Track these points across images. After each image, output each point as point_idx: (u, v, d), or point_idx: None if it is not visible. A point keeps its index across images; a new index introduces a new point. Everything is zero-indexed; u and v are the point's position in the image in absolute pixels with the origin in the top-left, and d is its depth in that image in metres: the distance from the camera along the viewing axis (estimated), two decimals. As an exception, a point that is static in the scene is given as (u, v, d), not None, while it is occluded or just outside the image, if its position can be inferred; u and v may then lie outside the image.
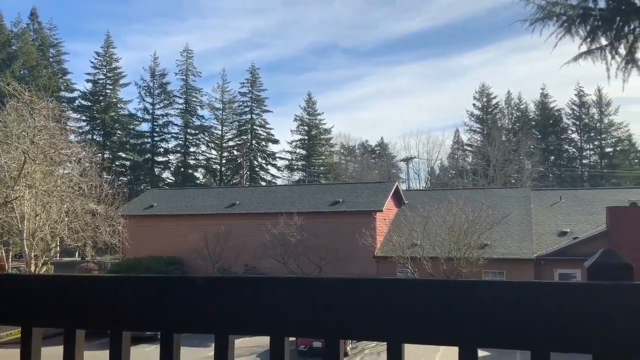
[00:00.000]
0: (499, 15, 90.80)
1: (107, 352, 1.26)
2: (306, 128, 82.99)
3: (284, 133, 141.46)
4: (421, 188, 70.61)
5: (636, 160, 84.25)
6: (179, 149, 77.23)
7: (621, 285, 0.92)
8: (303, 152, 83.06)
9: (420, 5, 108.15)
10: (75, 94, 73.32)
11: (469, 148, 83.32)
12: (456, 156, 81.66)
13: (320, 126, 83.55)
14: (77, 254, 39.86)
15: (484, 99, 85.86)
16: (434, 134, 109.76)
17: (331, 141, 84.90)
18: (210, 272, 30.63)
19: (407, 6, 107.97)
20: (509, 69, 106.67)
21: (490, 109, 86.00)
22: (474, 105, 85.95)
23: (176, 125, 77.40)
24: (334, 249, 29.74)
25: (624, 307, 0.88)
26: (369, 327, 1.03)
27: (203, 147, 79.27)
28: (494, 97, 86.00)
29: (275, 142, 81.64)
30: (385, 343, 1.02)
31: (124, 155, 74.13)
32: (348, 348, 20.84)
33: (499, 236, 28.29)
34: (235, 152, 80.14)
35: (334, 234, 31.02)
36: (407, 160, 75.32)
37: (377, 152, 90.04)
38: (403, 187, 61.76)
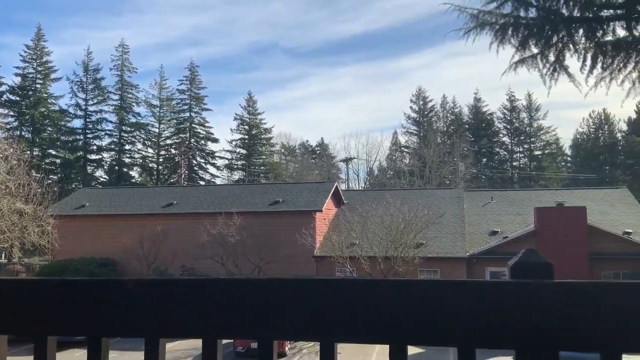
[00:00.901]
0: (435, 20, 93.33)
1: (32, 357, 1.21)
2: (247, 127, 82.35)
3: (224, 132, 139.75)
4: (360, 188, 71.56)
5: (563, 163, 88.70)
6: (113, 146, 74.79)
7: (542, 283, 0.97)
8: (243, 151, 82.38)
9: (360, 8, 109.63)
10: (3, 88, 69.62)
11: (406, 150, 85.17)
12: (394, 157, 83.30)
13: (261, 126, 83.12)
14: (3, 255, 37.87)
15: (421, 102, 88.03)
16: (373, 135, 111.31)
17: (272, 141, 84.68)
18: (145, 274, 29.83)
19: (347, 9, 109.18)
20: (444, 73, 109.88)
21: (426, 112, 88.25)
22: (411, 108, 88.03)
23: (110, 122, 74.95)
24: (274, 249, 29.66)
25: (544, 303, 0.93)
26: (301, 327, 1.04)
27: (139, 145, 77.17)
28: (430, 100, 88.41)
29: (215, 141, 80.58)
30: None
31: (54, 152, 71.06)
32: (286, 348, 20.82)
33: (433, 235, 29.07)
34: (173, 151, 78.48)
35: (273, 234, 30.93)
36: (347, 160, 76.18)
37: (318, 152, 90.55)
38: (343, 187, 62.32)
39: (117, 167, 74.46)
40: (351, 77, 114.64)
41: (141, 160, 77.37)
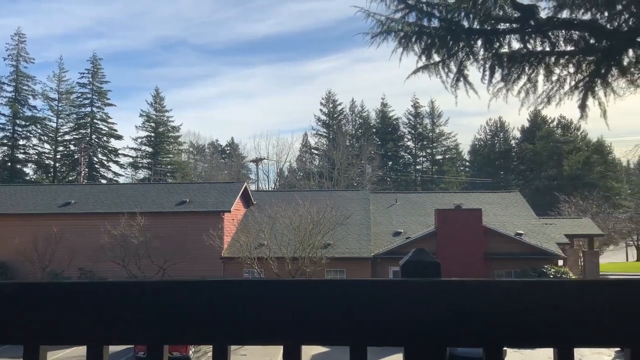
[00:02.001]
0: (345, 26, 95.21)
1: None
2: (153, 124, 79.65)
3: (128, 129, 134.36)
4: (270, 189, 71.42)
5: (462, 168, 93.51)
6: (5, 141, 69.59)
7: (431, 282, 1.00)
8: (149, 149, 79.60)
9: (271, 9, 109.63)
10: None
11: (316, 151, 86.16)
12: (304, 159, 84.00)
13: (169, 123, 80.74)
14: None
15: (331, 105, 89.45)
16: (284, 136, 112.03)
17: (180, 139, 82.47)
18: (39, 277, 27.97)
19: (258, 9, 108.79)
20: (354, 78, 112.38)
21: (336, 115, 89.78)
22: (321, 110, 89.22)
23: (3, 115, 69.72)
24: (180, 251, 28.89)
25: (432, 302, 0.97)
26: (194, 330, 1.01)
27: (35, 141, 72.38)
28: (340, 104, 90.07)
29: (119, 137, 77.24)
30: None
31: (-64, 146, 65.03)
32: (190, 352, 20.36)
33: (341, 236, 29.60)
34: (73, 147, 74.31)
35: (179, 234, 30.14)
36: (257, 161, 75.70)
37: (228, 152, 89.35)
38: (252, 187, 61.86)
39: (9, 164, 69.35)
40: (262, 78, 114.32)
41: (36, 157, 72.60)
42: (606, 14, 7.90)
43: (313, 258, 26.98)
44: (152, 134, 79.45)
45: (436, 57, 8.46)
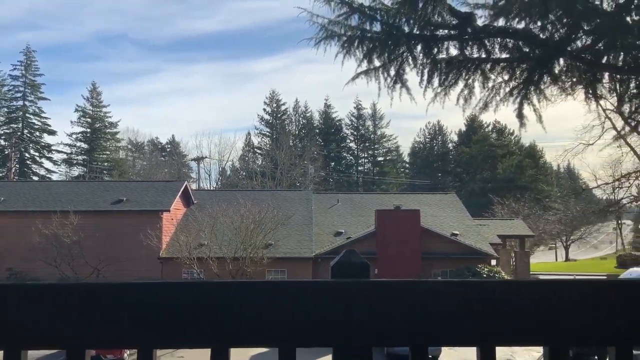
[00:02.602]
0: (290, 26, 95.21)
1: None
2: (89, 120, 76.91)
3: (63, 124, 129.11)
4: (212, 188, 70.37)
5: (402, 169, 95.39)
6: None
7: (360, 282, 1.02)
8: (85, 145, 76.80)
9: (215, 6, 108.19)
10: None
11: (259, 151, 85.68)
12: (247, 158, 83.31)
13: (106, 119, 78.17)
14: None
15: (274, 105, 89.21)
16: (226, 135, 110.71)
17: (117, 136, 80.00)
18: (-38, 279, 26.44)
19: (202, 5, 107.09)
20: (298, 78, 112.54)
21: (279, 115, 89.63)
22: (264, 110, 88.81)
23: None
24: (116, 251, 28.04)
25: (360, 302, 0.98)
26: (113, 334, 0.98)
27: (-40, 134, 68.39)
28: (284, 104, 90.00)
29: (52, 133, 74.10)
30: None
31: None
32: (125, 354, 19.79)
33: (282, 236, 29.55)
34: (3, 142, 70.66)
35: (115, 234, 29.26)
36: (199, 159, 74.42)
37: (168, 150, 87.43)
38: (193, 186, 60.78)
39: None
40: (205, 75, 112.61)
41: (-39, 151, 68.69)
42: (539, 23, 8.25)
43: (254, 258, 26.81)
44: (88, 130, 76.72)
45: (377, 62, 8.58)
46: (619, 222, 67.50)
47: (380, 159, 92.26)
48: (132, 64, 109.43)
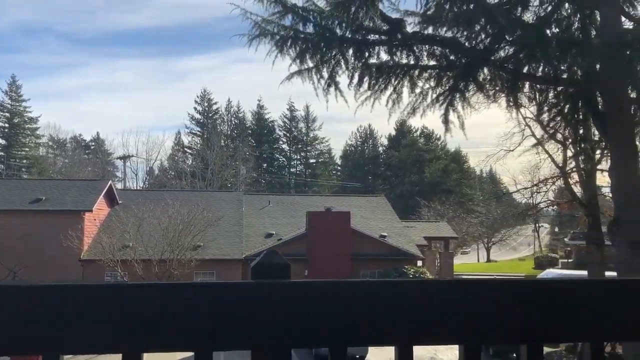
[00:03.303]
0: (224, 23, 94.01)
1: None
2: (7, 115, 72.76)
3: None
4: (138, 188, 68.26)
5: (334, 172, 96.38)
6: None
7: (278, 283, 1.00)
8: (2, 141, 72.59)
9: (145, 1, 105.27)
10: None
11: (189, 150, 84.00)
12: (176, 158, 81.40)
13: (25, 114, 74.20)
14: None
15: (206, 104, 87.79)
16: (155, 133, 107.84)
17: (38, 132, 76.07)
18: None
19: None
20: (231, 77, 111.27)
21: (211, 114, 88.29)
22: (195, 109, 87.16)
23: None
24: (34, 252, 26.65)
25: (279, 303, 0.96)
26: (28, 341, 0.92)
27: None
28: (215, 103, 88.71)
29: (-36, 127, 69.51)
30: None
31: None
32: None
33: (212, 238, 29.09)
34: None
35: (34, 235, 27.81)
36: (125, 158, 72.00)
37: (92, 147, 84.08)
38: (119, 186, 58.75)
39: None
40: (134, 71, 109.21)
41: None
42: (465, 33, 8.57)
43: (182, 260, 26.23)
44: (6, 125, 72.58)
45: (310, 63, 8.63)
46: (537, 225, 71.20)
47: (312, 161, 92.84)
48: (56, 57, 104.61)
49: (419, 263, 31.71)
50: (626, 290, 1.10)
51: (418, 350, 1.03)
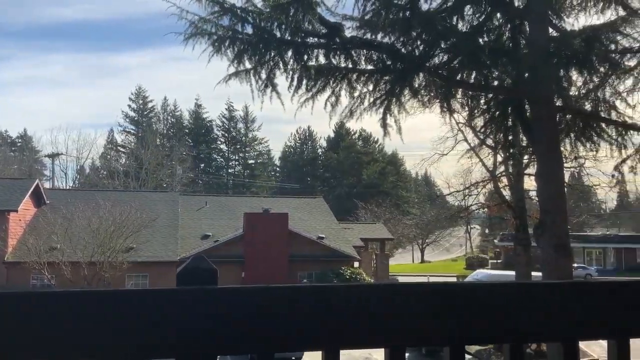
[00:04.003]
0: (161, 20, 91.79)
1: None
2: None
3: None
4: (68, 187, 65.50)
5: (272, 173, 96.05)
6: None
7: (205, 290, 0.98)
8: None
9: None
10: None
11: (122, 149, 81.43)
12: (109, 156, 78.68)
13: (-57, 107, 69.70)
14: None
15: (141, 102, 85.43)
16: (87, 131, 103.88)
17: (-44, 127, 71.62)
18: None
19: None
20: (167, 75, 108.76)
21: (146, 112, 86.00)
22: (129, 106, 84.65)
23: None
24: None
25: (203, 310, 0.94)
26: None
27: None
28: (151, 101, 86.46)
29: None
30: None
31: None
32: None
33: (145, 239, 28.32)
34: None
35: (-49, 236, 26.15)
36: (54, 156, 68.90)
37: (19, 144, 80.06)
38: (47, 185, 56.29)
39: None
40: (64, 66, 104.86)
41: None
42: (402, 39, 8.75)
43: (113, 263, 25.40)
44: None
45: (248, 64, 8.56)
46: (469, 226, 73.70)
47: (251, 161, 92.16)
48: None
49: (356, 264, 32.12)
50: (543, 292, 1.15)
51: (352, 350, 1.04)
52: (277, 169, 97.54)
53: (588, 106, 9.09)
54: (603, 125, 9.05)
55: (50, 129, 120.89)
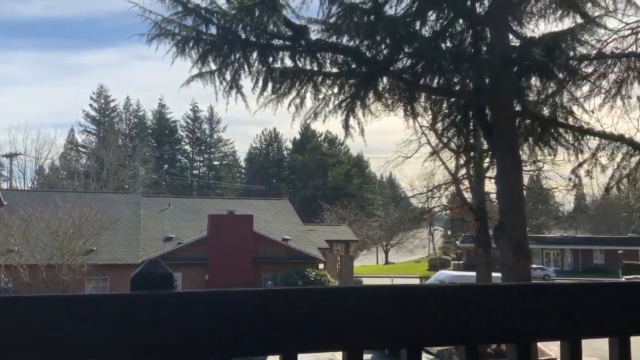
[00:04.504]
0: (122, 20, 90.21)
1: None
2: None
3: None
4: (26, 188, 63.59)
5: (238, 174, 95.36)
6: None
7: (160, 294, 0.97)
8: None
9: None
10: None
11: (83, 149, 79.60)
12: (69, 157, 76.75)
13: None
14: None
15: (102, 101, 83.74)
16: (46, 130, 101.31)
17: None
18: None
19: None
20: (130, 74, 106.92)
21: (108, 112, 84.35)
22: (91, 106, 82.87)
23: None
24: None
25: (163, 315, 0.93)
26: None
27: None
28: (113, 100, 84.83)
29: None
30: None
31: None
32: None
33: (106, 241, 27.75)
34: None
35: None
36: (12, 156, 66.75)
37: (-28, 143, 77.25)
38: (4, 186, 54.61)
39: None
40: (23, 64, 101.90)
41: None
42: (366, 42, 8.83)
43: (73, 265, 24.79)
44: None
45: (213, 65, 8.49)
46: (431, 228, 74.70)
47: (216, 163, 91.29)
48: None
49: (321, 266, 32.16)
50: (500, 294, 1.18)
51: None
52: (243, 170, 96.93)
53: (546, 111, 9.33)
54: (560, 130, 9.30)
55: (8, 128, 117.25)
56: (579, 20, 8.80)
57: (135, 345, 0.90)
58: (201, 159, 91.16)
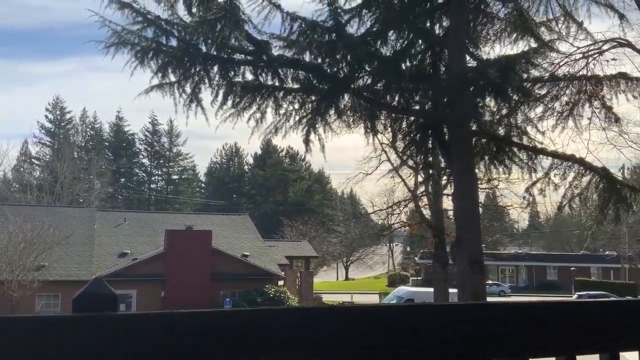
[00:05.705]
0: (78, 30, 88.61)
1: None
2: None
3: None
4: (-27, 201, 61.10)
5: (197, 189, 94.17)
6: None
7: (102, 316, 0.93)
8: None
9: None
10: None
11: (37, 162, 77.25)
12: (22, 169, 74.29)
13: None
14: None
15: (58, 113, 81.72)
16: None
17: None
18: None
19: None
20: (87, 86, 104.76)
21: (64, 124, 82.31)
22: (46, 117, 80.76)
23: None
24: None
25: (103, 338, 0.90)
26: None
27: None
28: (69, 112, 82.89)
29: None
30: None
31: None
32: None
33: (58, 257, 26.89)
34: None
35: None
36: (-42, 167, 64.07)
37: None
38: (-52, 198, 52.14)
39: None
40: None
41: None
42: (327, 60, 8.89)
43: (23, 281, 23.90)
44: None
45: (172, 77, 8.39)
46: (391, 244, 75.31)
47: (175, 177, 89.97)
48: None
49: (280, 282, 31.93)
50: (450, 314, 1.19)
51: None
52: (203, 185, 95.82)
53: (501, 131, 9.57)
54: (515, 149, 9.54)
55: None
56: (533, 44, 9.11)
57: None
58: (159, 172, 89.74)
